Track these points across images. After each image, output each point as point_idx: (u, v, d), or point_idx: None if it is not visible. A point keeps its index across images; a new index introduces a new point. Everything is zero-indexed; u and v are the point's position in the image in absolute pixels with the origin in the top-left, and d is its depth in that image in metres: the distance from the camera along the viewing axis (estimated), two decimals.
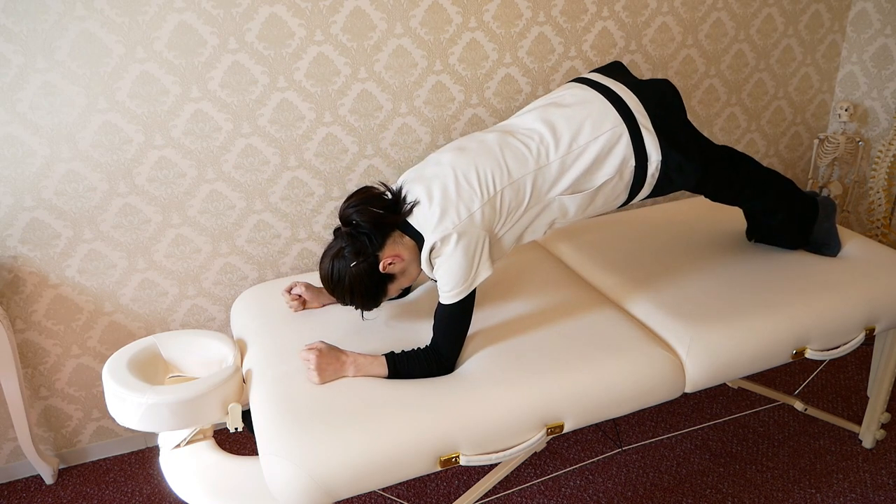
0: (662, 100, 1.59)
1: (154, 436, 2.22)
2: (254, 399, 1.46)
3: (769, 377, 2.46)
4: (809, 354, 1.69)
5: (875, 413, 2.06)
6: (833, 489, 1.98)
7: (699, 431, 2.22)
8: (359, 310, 1.57)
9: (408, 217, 1.49)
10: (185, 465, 1.54)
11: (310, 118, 2.04)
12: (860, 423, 2.14)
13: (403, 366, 1.47)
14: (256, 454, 1.41)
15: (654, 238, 2.05)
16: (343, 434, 1.30)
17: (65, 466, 2.18)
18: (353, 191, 1.54)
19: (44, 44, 1.73)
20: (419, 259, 1.52)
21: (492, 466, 1.93)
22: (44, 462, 2.06)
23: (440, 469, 1.38)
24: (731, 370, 1.61)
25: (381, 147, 2.16)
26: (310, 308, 1.76)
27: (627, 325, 1.64)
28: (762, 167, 1.79)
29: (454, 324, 1.49)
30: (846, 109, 2.63)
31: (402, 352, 1.49)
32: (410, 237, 1.50)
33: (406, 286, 1.58)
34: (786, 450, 2.13)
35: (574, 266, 1.98)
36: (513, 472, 2.06)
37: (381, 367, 1.46)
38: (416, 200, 1.49)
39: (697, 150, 1.60)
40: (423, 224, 1.47)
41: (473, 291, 1.48)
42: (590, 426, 2.09)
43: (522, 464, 2.10)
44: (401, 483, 2.03)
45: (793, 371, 2.49)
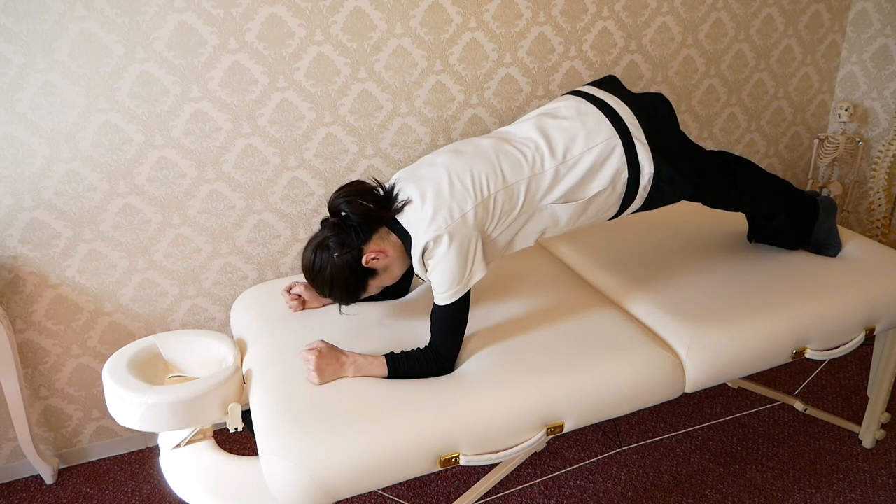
0: (656, 113, 1.60)
1: (154, 436, 2.22)
2: (254, 399, 1.46)
3: (769, 377, 2.46)
4: (809, 354, 1.69)
5: (875, 413, 2.06)
6: (833, 489, 1.98)
7: (699, 431, 2.22)
8: (336, 303, 1.56)
9: (398, 214, 1.49)
10: (185, 465, 1.54)
11: (310, 118, 2.04)
12: (860, 423, 2.14)
13: (403, 366, 1.47)
14: (256, 454, 1.41)
15: (654, 238, 2.05)
16: (343, 434, 1.30)
17: (65, 466, 2.18)
18: (345, 182, 1.53)
19: (44, 44, 1.73)
20: (404, 258, 1.52)
21: (492, 466, 1.93)
22: (44, 462, 2.06)
23: (440, 469, 1.38)
24: (731, 370, 1.61)
25: (381, 147, 2.16)
26: (309, 308, 1.76)
27: (627, 325, 1.64)
28: (760, 171, 1.79)
29: (451, 324, 1.48)
30: (846, 109, 2.63)
31: (402, 352, 1.49)
32: (398, 235, 1.50)
33: (387, 284, 1.57)
34: (786, 450, 2.13)
35: (574, 266, 1.98)
36: (513, 472, 2.06)
37: (381, 368, 1.46)
38: (409, 199, 1.49)
39: (689, 163, 1.61)
40: (414, 223, 1.47)
41: (468, 291, 1.48)
42: (590, 426, 2.09)
43: (522, 464, 2.10)
44: (401, 483, 2.03)
45: (793, 371, 2.49)
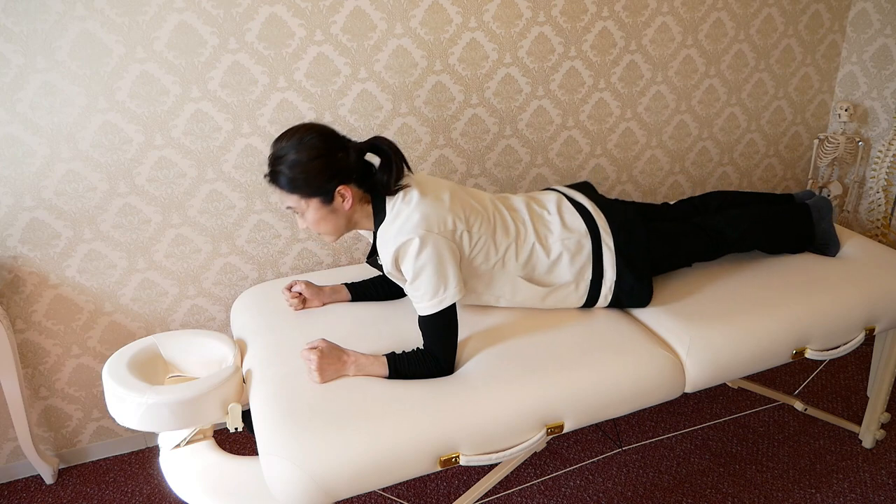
0: (625, 223, 1.68)
1: (154, 436, 2.22)
2: (254, 399, 1.46)
3: (769, 377, 2.46)
4: (809, 354, 1.69)
5: (875, 413, 2.07)
6: (833, 489, 1.98)
7: (699, 431, 2.22)
8: (282, 190, 1.45)
9: (389, 194, 1.51)
10: (185, 465, 1.54)
11: (310, 118, 2.04)
12: (860, 423, 2.14)
13: (404, 366, 1.47)
14: (256, 454, 1.41)
15: None
16: (343, 434, 1.30)
17: (65, 466, 2.18)
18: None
19: (44, 44, 1.73)
20: (349, 226, 1.53)
21: (492, 466, 1.93)
22: (44, 462, 2.06)
23: (440, 469, 1.38)
24: (731, 370, 1.61)
25: None
26: (310, 307, 1.76)
27: (627, 325, 1.64)
28: (743, 213, 1.84)
29: (440, 332, 1.48)
30: (846, 109, 2.63)
31: (403, 352, 1.49)
32: (374, 208, 1.52)
33: (321, 231, 1.51)
34: (786, 450, 2.13)
35: None
36: (513, 472, 2.06)
37: (382, 367, 1.46)
38: (410, 188, 1.50)
39: (650, 276, 1.69)
40: (397, 213, 1.48)
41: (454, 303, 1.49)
42: (590, 426, 2.09)
43: (522, 464, 2.10)
44: (401, 483, 2.03)
45: (793, 371, 2.49)
